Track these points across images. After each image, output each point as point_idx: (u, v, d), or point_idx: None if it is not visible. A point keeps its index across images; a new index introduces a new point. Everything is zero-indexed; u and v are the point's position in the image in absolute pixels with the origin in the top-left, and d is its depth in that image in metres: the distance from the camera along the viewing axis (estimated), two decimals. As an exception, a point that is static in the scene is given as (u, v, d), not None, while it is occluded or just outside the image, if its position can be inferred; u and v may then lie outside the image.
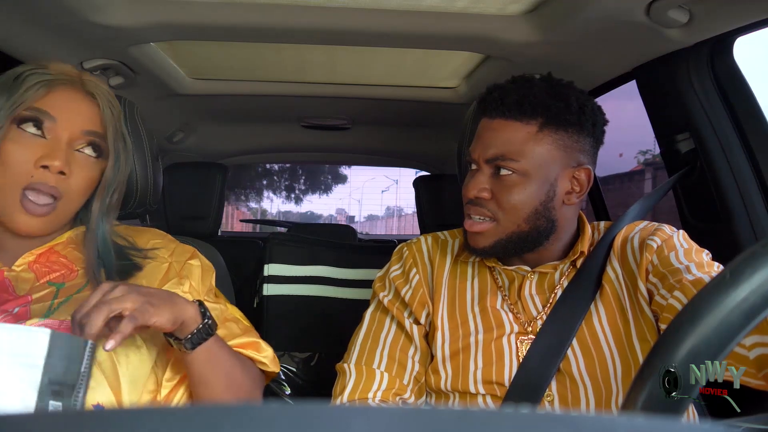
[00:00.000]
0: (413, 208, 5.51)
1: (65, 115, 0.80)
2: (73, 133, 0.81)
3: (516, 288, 0.94)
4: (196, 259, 0.93)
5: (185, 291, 0.87)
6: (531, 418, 0.19)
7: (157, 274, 0.87)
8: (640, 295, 0.87)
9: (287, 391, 1.34)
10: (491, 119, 0.89)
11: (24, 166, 0.78)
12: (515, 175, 0.86)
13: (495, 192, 0.87)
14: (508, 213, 0.87)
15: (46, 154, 0.78)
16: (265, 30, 1.26)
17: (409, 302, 0.97)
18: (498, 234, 0.88)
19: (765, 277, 0.38)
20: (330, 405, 0.21)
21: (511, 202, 0.87)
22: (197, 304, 0.76)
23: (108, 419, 0.19)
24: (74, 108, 0.82)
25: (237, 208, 17.87)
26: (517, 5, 1.19)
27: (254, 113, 2.14)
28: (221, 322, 0.89)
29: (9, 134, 0.78)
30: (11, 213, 0.79)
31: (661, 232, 0.90)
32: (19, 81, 0.79)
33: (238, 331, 0.90)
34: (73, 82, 0.83)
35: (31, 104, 0.79)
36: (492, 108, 0.88)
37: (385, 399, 0.91)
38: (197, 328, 0.75)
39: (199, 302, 0.77)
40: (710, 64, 1.17)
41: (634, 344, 0.86)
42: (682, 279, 0.79)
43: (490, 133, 0.88)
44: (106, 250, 0.86)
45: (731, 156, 1.14)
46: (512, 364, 0.89)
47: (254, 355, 0.89)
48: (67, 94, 0.82)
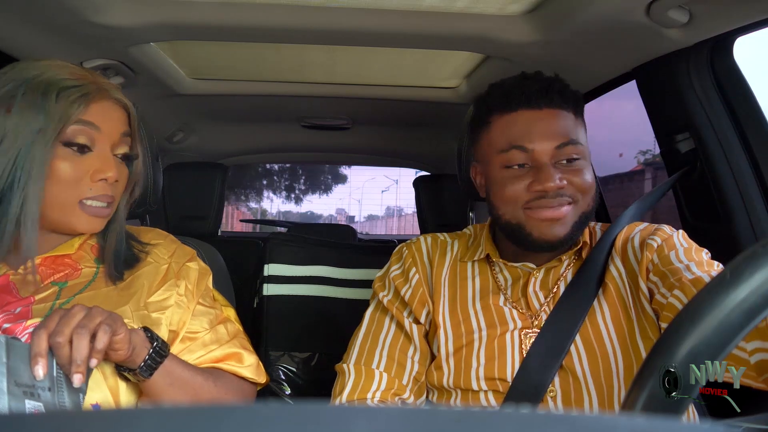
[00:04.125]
0: (413, 208, 5.51)
1: (107, 124, 0.82)
2: (113, 139, 0.84)
3: (520, 286, 0.95)
4: (194, 261, 0.94)
5: (180, 293, 0.88)
6: (531, 418, 0.19)
7: (156, 275, 0.88)
8: (642, 294, 0.88)
9: (287, 391, 1.34)
10: (538, 109, 0.89)
11: (81, 183, 0.81)
12: (581, 159, 0.90)
13: (569, 178, 0.88)
14: (585, 194, 0.90)
15: (100, 168, 0.81)
16: (265, 30, 1.26)
17: (409, 301, 0.97)
18: (574, 217, 0.89)
19: (765, 277, 0.38)
20: (330, 405, 0.21)
21: (587, 183, 0.89)
22: (143, 330, 0.77)
23: (108, 419, 0.19)
24: (111, 115, 0.84)
25: (237, 208, 17.86)
26: (517, 5, 1.19)
27: (254, 113, 2.14)
28: (212, 326, 0.89)
29: (57, 152, 0.79)
30: (71, 218, 0.82)
31: (661, 231, 0.91)
32: (51, 97, 0.78)
33: (226, 338, 0.90)
34: (102, 89, 0.83)
35: (74, 119, 0.79)
36: (537, 99, 0.89)
37: (384, 399, 0.91)
38: (148, 353, 0.75)
39: (144, 328, 0.77)
40: (710, 64, 1.17)
41: (637, 342, 0.86)
42: (681, 278, 0.80)
43: (544, 123, 0.88)
44: (120, 240, 0.88)
45: (731, 156, 1.14)
46: (514, 359, 0.89)
47: (234, 367, 0.89)
48: (105, 103, 0.83)
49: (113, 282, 0.85)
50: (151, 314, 0.83)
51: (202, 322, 0.89)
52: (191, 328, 0.87)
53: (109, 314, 0.69)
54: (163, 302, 0.85)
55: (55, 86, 0.78)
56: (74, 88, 0.79)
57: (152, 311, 0.83)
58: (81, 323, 0.67)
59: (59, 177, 0.79)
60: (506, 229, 0.92)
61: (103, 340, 0.67)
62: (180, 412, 0.19)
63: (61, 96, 0.78)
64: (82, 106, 0.79)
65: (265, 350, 1.35)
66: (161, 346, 0.77)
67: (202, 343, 0.88)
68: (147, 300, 0.84)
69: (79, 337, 0.66)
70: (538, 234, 0.88)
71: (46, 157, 0.77)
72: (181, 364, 0.81)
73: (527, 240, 0.89)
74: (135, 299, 0.83)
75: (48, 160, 0.77)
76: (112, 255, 0.86)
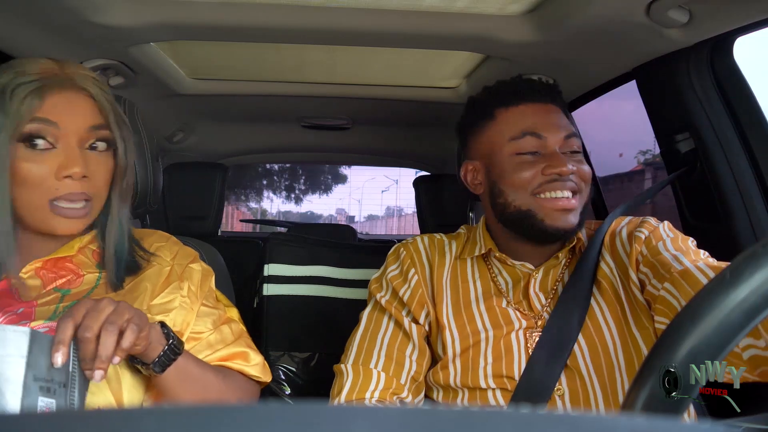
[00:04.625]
0: (413, 208, 5.50)
1: (67, 119, 0.77)
2: (80, 133, 0.79)
3: (521, 288, 0.95)
4: (197, 263, 0.93)
5: (184, 295, 0.87)
6: (531, 418, 0.19)
7: (159, 277, 0.87)
8: (633, 284, 0.89)
9: (287, 391, 1.34)
10: (544, 103, 0.94)
11: (45, 182, 0.77)
12: (581, 152, 0.95)
13: (575, 167, 0.91)
14: (587, 183, 0.94)
15: (63, 165, 0.76)
16: (265, 30, 1.26)
17: (408, 302, 0.97)
18: (580, 206, 0.92)
19: (765, 277, 0.38)
20: (330, 405, 0.21)
21: (588, 173, 0.94)
22: (159, 325, 0.75)
23: (107, 419, 0.19)
24: (73, 108, 0.79)
25: (237, 208, 17.86)
26: (517, 5, 1.19)
27: (254, 113, 2.14)
28: (216, 326, 0.89)
29: (18, 153, 0.75)
30: (45, 221, 0.78)
31: (648, 224, 0.93)
32: (7, 95, 0.75)
33: (231, 338, 0.90)
34: (62, 81, 0.78)
35: (29, 117, 0.75)
36: (542, 94, 0.94)
37: (382, 399, 0.91)
38: (163, 350, 0.74)
39: (161, 323, 0.76)
40: (710, 64, 1.17)
41: (633, 332, 0.88)
42: (671, 269, 0.82)
43: (553, 115, 0.93)
44: (121, 242, 0.85)
45: (731, 156, 1.14)
46: (521, 357, 0.90)
47: (242, 366, 0.89)
48: (62, 96, 0.78)
49: (114, 289, 0.83)
50: (155, 317, 0.82)
51: (206, 322, 0.88)
52: (195, 329, 0.87)
53: (136, 311, 0.68)
54: (167, 305, 0.85)
55: (10, 84, 0.75)
56: (27, 84, 0.75)
57: (156, 314, 0.83)
58: (110, 319, 0.65)
59: (24, 178, 0.76)
60: (515, 217, 0.91)
61: (130, 338, 0.65)
62: (180, 412, 0.19)
63: (15, 93, 0.75)
64: (35, 102, 0.75)
65: (265, 350, 1.35)
66: (176, 343, 0.75)
67: (207, 344, 0.87)
68: (150, 303, 0.84)
69: (108, 334, 0.64)
70: (550, 221, 0.89)
71: (5, 159, 0.74)
72: (192, 360, 0.80)
73: (539, 227, 0.89)
74: (138, 302, 0.83)
75: (8, 161, 0.74)
76: (113, 261, 0.84)
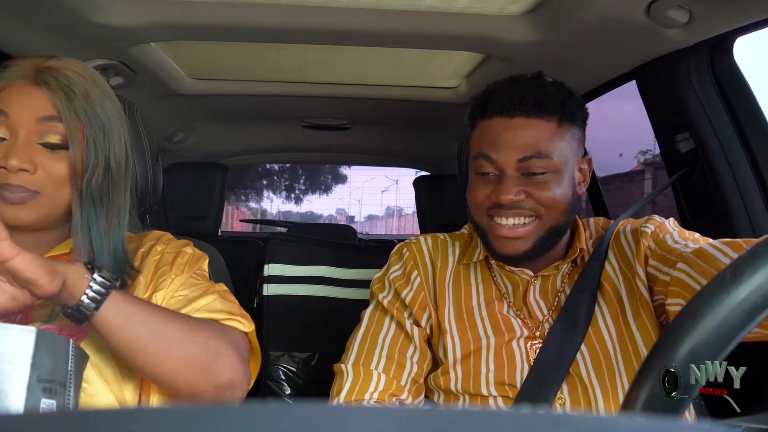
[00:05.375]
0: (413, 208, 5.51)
1: (16, 109, 0.76)
2: (28, 125, 0.76)
3: (520, 294, 0.95)
4: (189, 247, 0.91)
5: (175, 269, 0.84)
6: (531, 418, 0.19)
7: (150, 266, 0.86)
8: (639, 280, 0.88)
9: (287, 391, 1.34)
10: (510, 118, 0.86)
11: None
12: (549, 173, 0.86)
13: (530, 191, 0.86)
14: (550, 208, 0.87)
15: (4, 155, 0.75)
16: (265, 30, 1.26)
17: (410, 304, 0.96)
18: (538, 232, 0.87)
19: (765, 277, 0.38)
20: (330, 405, 0.21)
21: (552, 197, 0.86)
22: (82, 264, 0.70)
23: (107, 419, 0.19)
24: (24, 100, 0.77)
25: (237, 208, 17.87)
26: (517, 5, 1.19)
27: (254, 113, 2.14)
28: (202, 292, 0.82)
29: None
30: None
31: (653, 220, 0.93)
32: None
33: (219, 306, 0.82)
34: (26, 75, 0.78)
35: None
36: (509, 107, 0.86)
37: (382, 400, 0.91)
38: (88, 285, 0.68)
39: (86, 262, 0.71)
40: (710, 64, 1.17)
41: (634, 334, 0.87)
42: (682, 253, 0.81)
43: (512, 133, 0.86)
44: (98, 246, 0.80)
45: (731, 156, 1.14)
46: (523, 366, 0.89)
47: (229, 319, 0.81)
48: (18, 88, 0.77)
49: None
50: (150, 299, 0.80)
51: (193, 290, 0.83)
52: (180, 293, 0.82)
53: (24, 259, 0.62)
54: (160, 285, 0.83)
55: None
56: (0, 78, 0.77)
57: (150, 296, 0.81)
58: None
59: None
60: (478, 232, 0.94)
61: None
62: (180, 412, 0.19)
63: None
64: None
65: (265, 350, 1.35)
66: (107, 277, 0.69)
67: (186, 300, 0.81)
68: (144, 295, 0.82)
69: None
70: (498, 247, 0.89)
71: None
72: (140, 301, 0.74)
73: (491, 249, 0.92)
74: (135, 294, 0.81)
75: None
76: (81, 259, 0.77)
